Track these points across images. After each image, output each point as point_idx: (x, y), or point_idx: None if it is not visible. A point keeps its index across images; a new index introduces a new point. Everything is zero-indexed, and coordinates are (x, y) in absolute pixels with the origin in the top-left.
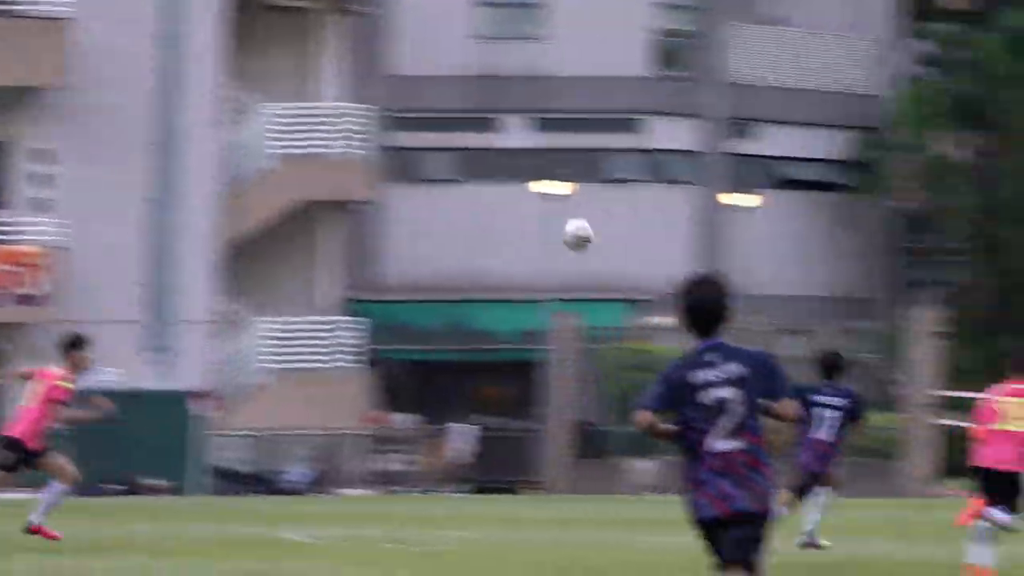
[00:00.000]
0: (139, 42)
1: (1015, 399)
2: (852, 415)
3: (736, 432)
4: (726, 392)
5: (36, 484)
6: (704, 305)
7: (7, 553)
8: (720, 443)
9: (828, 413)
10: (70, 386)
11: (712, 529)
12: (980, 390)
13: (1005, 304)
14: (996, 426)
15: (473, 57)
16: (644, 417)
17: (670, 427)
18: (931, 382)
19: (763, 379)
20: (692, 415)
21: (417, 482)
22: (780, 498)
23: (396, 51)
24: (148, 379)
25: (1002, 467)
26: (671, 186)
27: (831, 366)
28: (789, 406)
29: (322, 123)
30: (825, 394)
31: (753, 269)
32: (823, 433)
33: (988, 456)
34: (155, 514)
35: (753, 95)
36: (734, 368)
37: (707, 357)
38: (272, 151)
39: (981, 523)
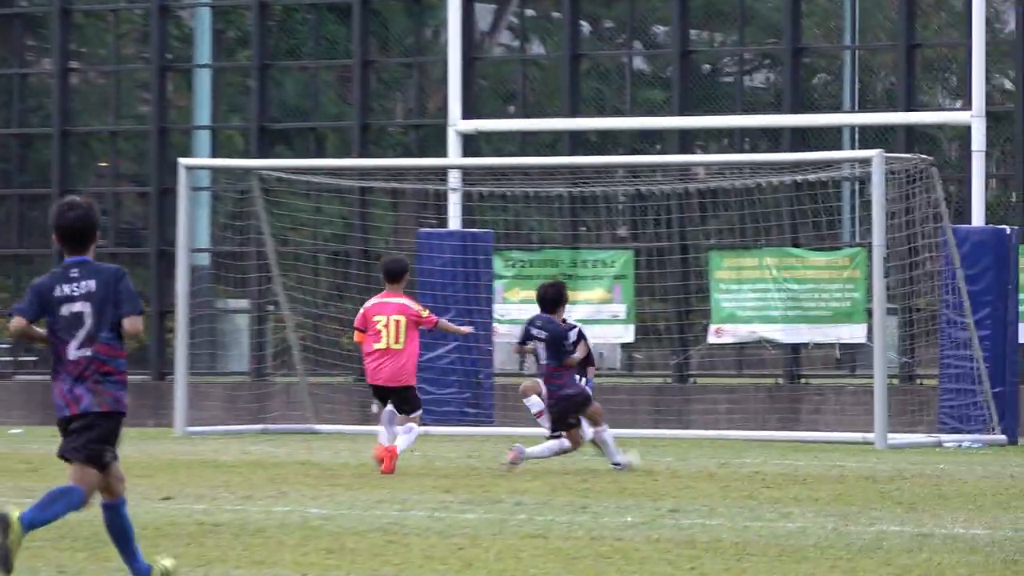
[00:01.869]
0: None
1: (379, 316)
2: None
3: (88, 342)
4: (81, 306)
5: None
6: (72, 225)
7: None
8: (75, 351)
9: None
10: None
11: (65, 427)
12: None
13: None
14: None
15: None
16: (18, 323)
17: (42, 332)
18: None
19: (113, 296)
20: (56, 325)
21: None
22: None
23: None
24: None
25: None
26: None
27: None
28: (132, 322)
29: None
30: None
31: None
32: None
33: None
34: None
35: None
36: (91, 284)
37: (71, 273)
38: None
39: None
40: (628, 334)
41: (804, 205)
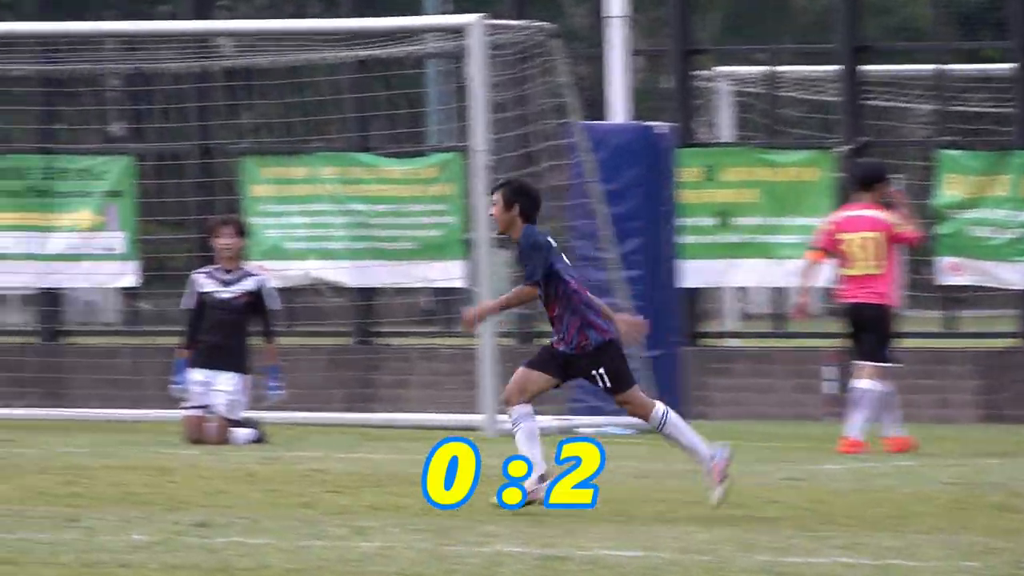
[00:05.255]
0: None
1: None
2: None
3: None
4: None
5: None
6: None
7: None
8: None
9: None
10: None
11: None
12: None
13: None
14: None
15: None
16: None
17: None
18: None
19: None
20: None
21: None
22: None
23: None
24: None
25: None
26: None
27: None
28: None
29: None
30: None
31: None
32: None
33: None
34: None
35: None
36: None
37: None
38: None
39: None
40: (129, 275)
41: (374, 91)
